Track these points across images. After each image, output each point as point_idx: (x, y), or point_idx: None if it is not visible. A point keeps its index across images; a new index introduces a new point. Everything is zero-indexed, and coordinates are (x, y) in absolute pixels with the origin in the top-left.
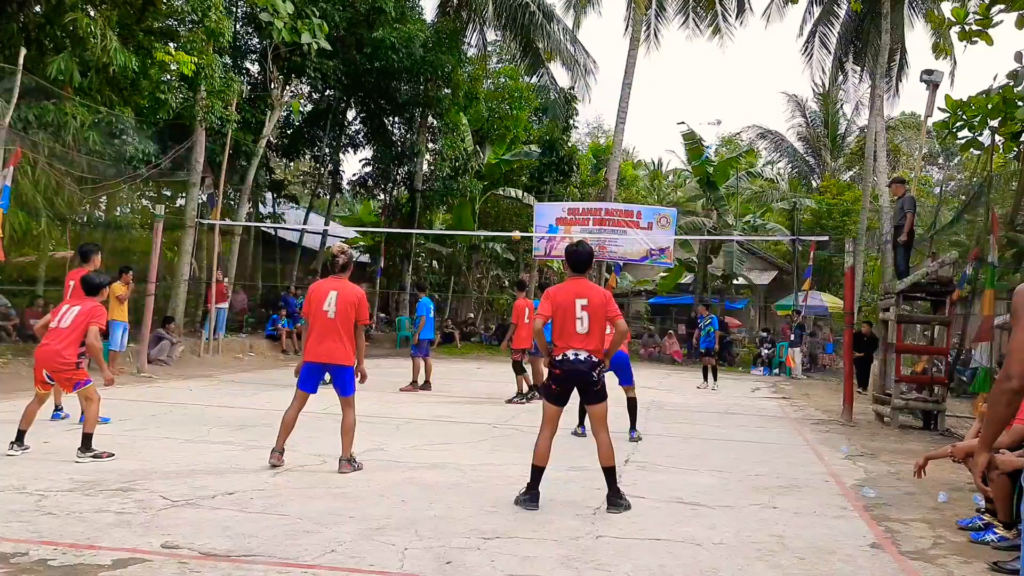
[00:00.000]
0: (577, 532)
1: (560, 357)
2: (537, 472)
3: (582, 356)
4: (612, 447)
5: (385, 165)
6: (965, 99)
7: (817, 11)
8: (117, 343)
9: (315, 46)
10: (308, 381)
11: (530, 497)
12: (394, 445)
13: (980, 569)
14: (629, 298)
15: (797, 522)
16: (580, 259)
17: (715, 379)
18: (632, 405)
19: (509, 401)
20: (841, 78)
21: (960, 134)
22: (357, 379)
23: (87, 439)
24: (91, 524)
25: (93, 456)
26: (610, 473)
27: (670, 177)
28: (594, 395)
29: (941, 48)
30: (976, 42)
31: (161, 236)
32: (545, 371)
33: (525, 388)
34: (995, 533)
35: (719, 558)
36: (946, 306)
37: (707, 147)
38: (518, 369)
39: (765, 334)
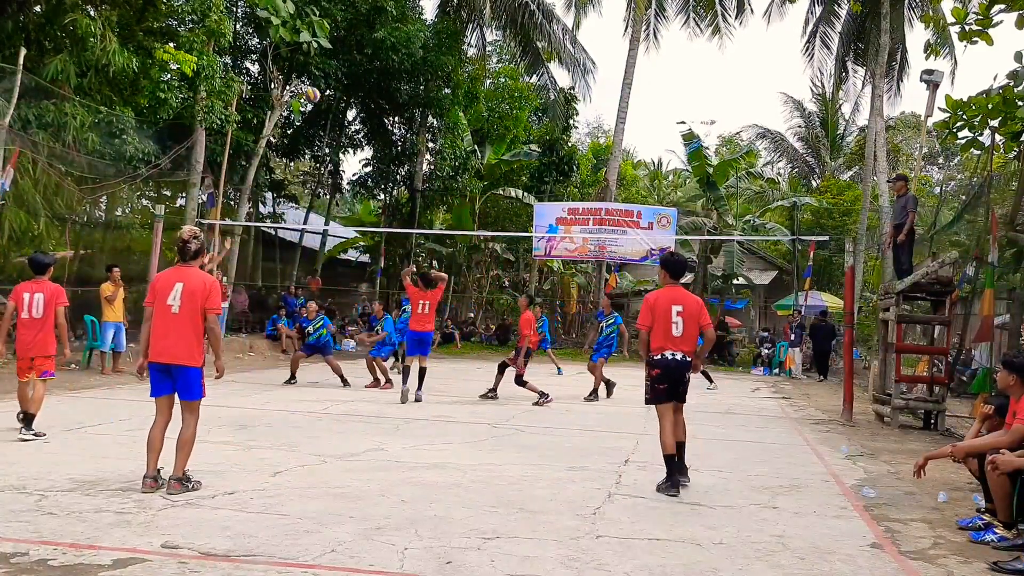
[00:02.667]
0: (577, 532)
1: (659, 357)
2: (670, 460)
3: (678, 356)
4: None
5: (385, 165)
6: (965, 99)
7: (818, 11)
8: (107, 343)
9: (315, 45)
10: (158, 386)
11: (671, 483)
12: (394, 445)
13: (980, 569)
14: (629, 298)
15: (797, 522)
16: (677, 268)
17: (709, 379)
18: None
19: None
20: (843, 77)
21: (960, 134)
22: (214, 376)
23: (32, 419)
24: (91, 524)
25: (34, 435)
26: (681, 448)
27: (670, 177)
28: (683, 392)
29: (933, 48)
30: (976, 42)
31: (161, 236)
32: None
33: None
34: (995, 533)
35: (719, 558)
36: (946, 306)
37: (695, 140)
38: (519, 383)
39: (766, 334)
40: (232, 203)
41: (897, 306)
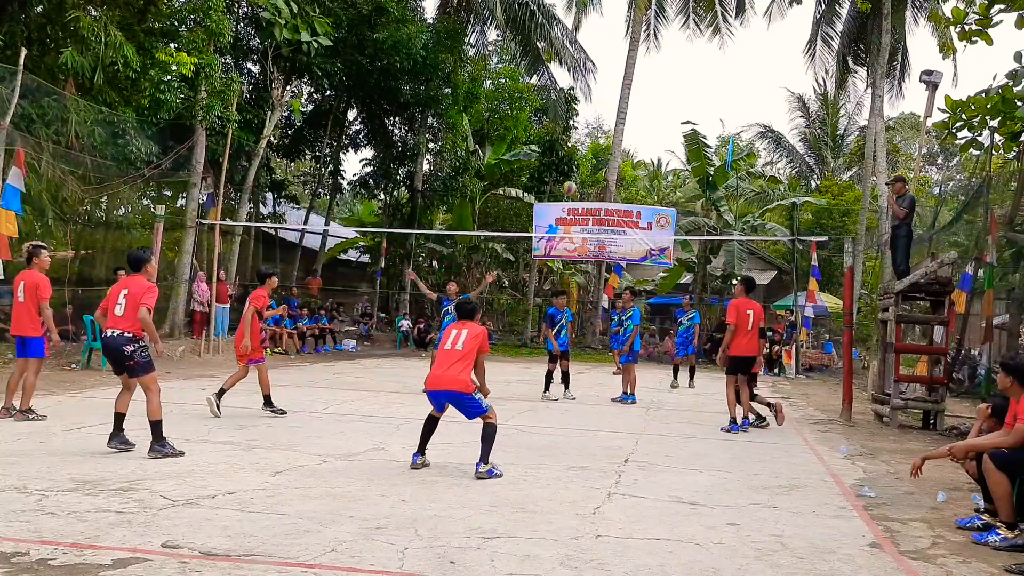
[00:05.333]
0: (577, 532)
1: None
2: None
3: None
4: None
5: (385, 165)
6: (965, 99)
7: (821, 11)
8: None
9: (315, 45)
10: (19, 350)
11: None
12: (394, 445)
13: (979, 569)
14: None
15: (796, 522)
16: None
17: (691, 377)
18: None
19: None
20: (844, 77)
21: (960, 134)
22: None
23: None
24: (92, 524)
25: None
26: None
27: (669, 177)
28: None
29: (948, 47)
30: (976, 42)
31: (162, 236)
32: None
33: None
34: (998, 534)
35: (719, 558)
36: (945, 306)
37: (708, 148)
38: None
39: (769, 333)
40: (233, 203)
41: (896, 306)
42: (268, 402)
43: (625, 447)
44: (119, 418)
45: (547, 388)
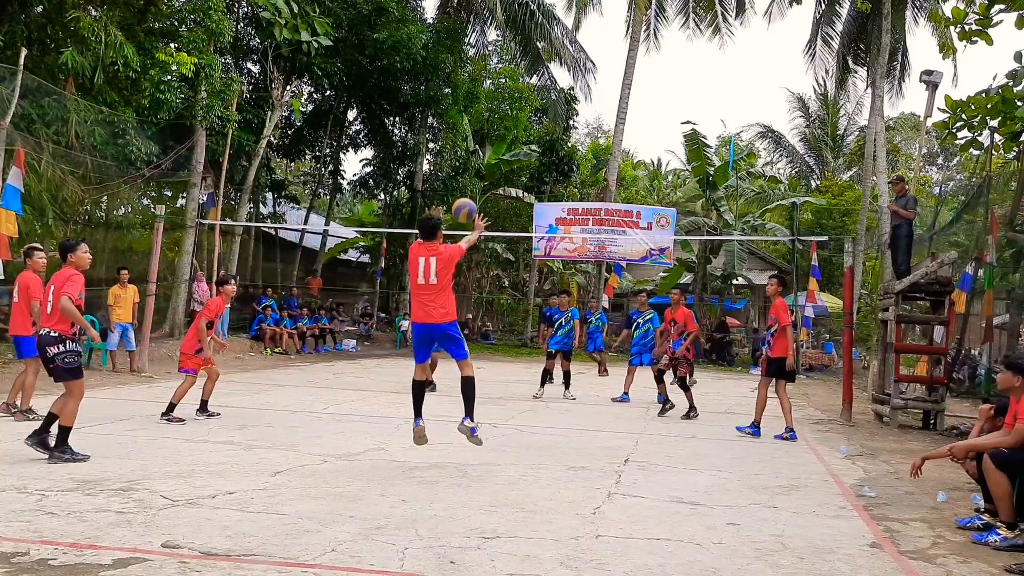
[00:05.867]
0: (577, 532)
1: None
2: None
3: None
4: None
5: (385, 165)
6: (965, 99)
7: (821, 11)
8: (113, 343)
9: (315, 45)
10: (17, 350)
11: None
12: (394, 445)
13: (979, 569)
14: (628, 298)
15: (796, 522)
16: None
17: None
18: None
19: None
20: (844, 77)
21: (960, 134)
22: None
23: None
24: (92, 524)
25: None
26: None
27: (669, 177)
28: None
29: (948, 47)
30: (976, 42)
31: (162, 236)
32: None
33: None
34: (998, 534)
35: (719, 558)
36: (945, 306)
37: (708, 148)
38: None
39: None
40: (233, 203)
41: (896, 306)
42: (169, 411)
43: (625, 447)
44: (50, 419)
45: (542, 385)
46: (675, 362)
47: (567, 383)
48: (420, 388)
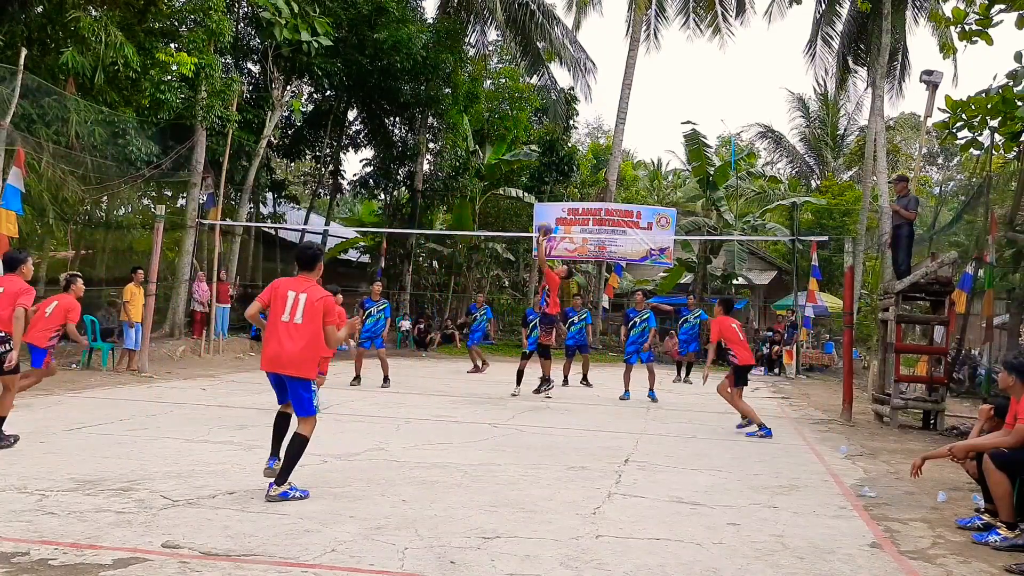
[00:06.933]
0: (577, 532)
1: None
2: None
3: None
4: None
5: (385, 165)
6: (965, 99)
7: (821, 11)
8: (131, 342)
9: (315, 45)
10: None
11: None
12: (394, 445)
13: (979, 569)
14: (628, 298)
15: (797, 522)
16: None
17: (687, 373)
18: None
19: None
20: (844, 77)
21: (960, 134)
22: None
23: None
24: (92, 524)
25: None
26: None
27: (670, 177)
28: None
29: (948, 47)
30: (976, 42)
31: (162, 236)
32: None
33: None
34: (998, 534)
35: (719, 558)
36: (945, 306)
37: (708, 148)
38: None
39: (770, 334)
40: (233, 203)
41: (896, 306)
42: None
43: (625, 447)
44: None
45: (518, 383)
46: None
47: (542, 382)
48: (283, 421)
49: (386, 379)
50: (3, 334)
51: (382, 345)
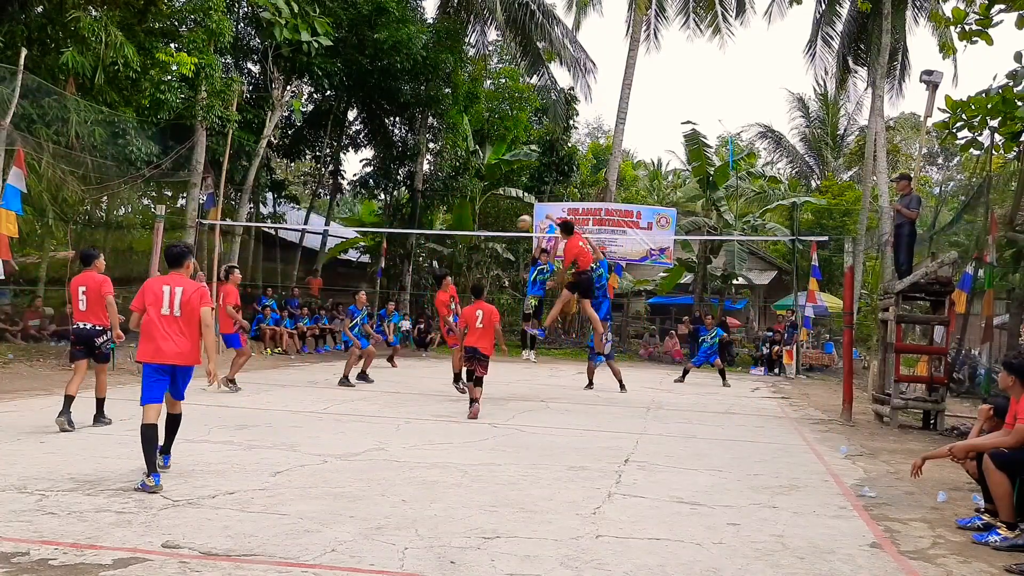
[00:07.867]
0: (577, 532)
1: None
2: None
3: None
4: None
5: (385, 165)
6: (965, 99)
7: (821, 11)
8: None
9: (315, 45)
10: None
11: None
12: (394, 445)
13: (979, 569)
14: (629, 298)
15: (797, 522)
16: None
17: (723, 379)
18: None
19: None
20: (844, 77)
21: (960, 134)
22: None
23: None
24: (92, 524)
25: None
26: None
27: (670, 177)
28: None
29: (948, 48)
30: (976, 42)
31: (162, 236)
32: None
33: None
34: (998, 534)
35: (719, 558)
36: (945, 306)
37: (708, 148)
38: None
39: (771, 333)
40: (233, 203)
41: (896, 306)
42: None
43: (625, 447)
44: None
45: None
46: None
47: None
48: (153, 432)
49: (346, 378)
50: (100, 327)
51: (366, 344)
